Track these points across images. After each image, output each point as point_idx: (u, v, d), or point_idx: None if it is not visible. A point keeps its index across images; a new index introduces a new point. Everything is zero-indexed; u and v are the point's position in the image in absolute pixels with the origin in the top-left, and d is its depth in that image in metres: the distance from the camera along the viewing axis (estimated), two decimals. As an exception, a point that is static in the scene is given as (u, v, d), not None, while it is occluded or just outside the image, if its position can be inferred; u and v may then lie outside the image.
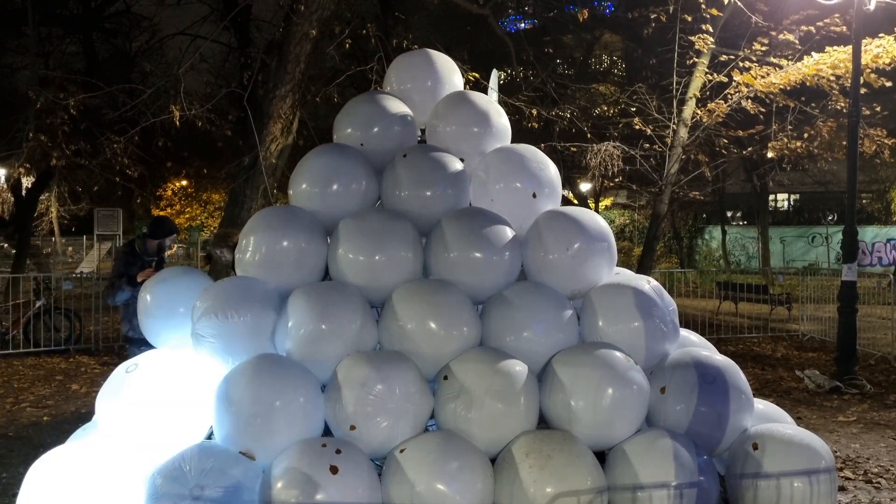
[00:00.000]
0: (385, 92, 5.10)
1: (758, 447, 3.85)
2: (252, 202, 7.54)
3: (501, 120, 4.90)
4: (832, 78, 11.49)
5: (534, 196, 4.50)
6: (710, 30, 12.18)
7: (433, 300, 3.97)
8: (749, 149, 16.73)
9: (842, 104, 11.85)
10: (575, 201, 23.15)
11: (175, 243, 6.04)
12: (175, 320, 4.26)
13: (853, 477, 5.46)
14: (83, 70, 16.56)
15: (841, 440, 6.46)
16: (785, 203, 34.64)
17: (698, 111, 12.97)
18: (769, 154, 16.54)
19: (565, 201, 10.53)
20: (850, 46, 9.60)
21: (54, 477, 3.48)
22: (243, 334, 3.89)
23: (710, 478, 3.71)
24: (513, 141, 4.95)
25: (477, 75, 10.14)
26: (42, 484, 3.47)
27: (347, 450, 3.54)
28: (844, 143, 11.18)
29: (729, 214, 32.16)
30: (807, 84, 11.81)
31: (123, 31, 19.85)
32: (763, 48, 12.29)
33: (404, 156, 4.50)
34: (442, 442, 3.66)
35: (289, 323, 3.89)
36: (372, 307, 4.19)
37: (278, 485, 3.38)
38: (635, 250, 26.54)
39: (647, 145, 13.37)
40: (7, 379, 8.96)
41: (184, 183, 30.90)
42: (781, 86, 11.91)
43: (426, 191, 4.38)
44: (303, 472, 3.36)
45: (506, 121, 4.95)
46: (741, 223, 32.77)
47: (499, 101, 5.81)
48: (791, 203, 34.50)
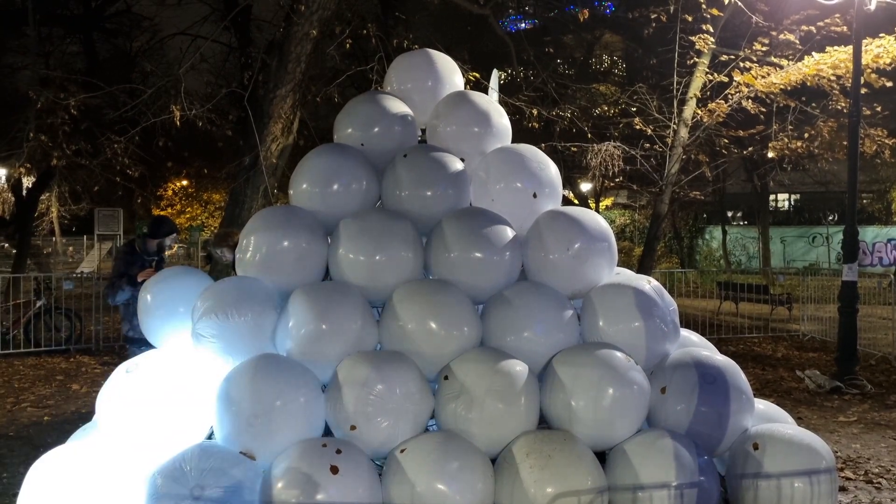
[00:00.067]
0: (385, 92, 5.10)
1: (758, 447, 3.85)
2: (252, 202, 7.53)
3: (502, 120, 4.90)
4: (833, 78, 11.48)
5: (534, 196, 4.50)
6: (711, 30, 12.17)
7: (433, 300, 3.97)
8: (749, 149, 16.71)
9: (842, 104, 11.84)
10: (575, 201, 23.15)
11: (175, 243, 6.04)
12: (175, 320, 4.27)
13: (854, 477, 5.45)
14: (84, 70, 16.58)
15: (841, 440, 6.46)
16: (785, 203, 34.64)
17: (699, 111, 12.96)
18: (770, 154, 16.52)
19: (566, 201, 10.53)
20: (851, 46, 9.60)
21: (55, 477, 3.48)
22: (244, 334, 3.89)
23: (711, 478, 3.71)
24: (513, 141, 4.95)
25: (477, 75, 10.14)
26: (43, 484, 3.48)
27: (348, 450, 3.54)
28: (845, 143, 11.17)
29: (729, 214, 32.16)
30: (807, 84, 11.81)
31: (124, 31, 19.86)
32: (763, 48, 12.29)
33: (405, 156, 4.50)
34: (442, 442, 3.66)
35: (289, 323, 3.89)
36: (372, 307, 4.19)
37: (279, 485, 3.38)
38: (636, 250, 26.53)
39: (648, 145, 13.37)
40: (8, 379, 8.96)
41: (184, 183, 30.91)
42: (782, 86, 11.91)
43: (427, 191, 4.38)
44: (303, 472, 3.37)
45: (506, 121, 4.95)
46: (742, 223, 32.75)
47: (499, 101, 5.81)
48: (791, 203, 34.50)
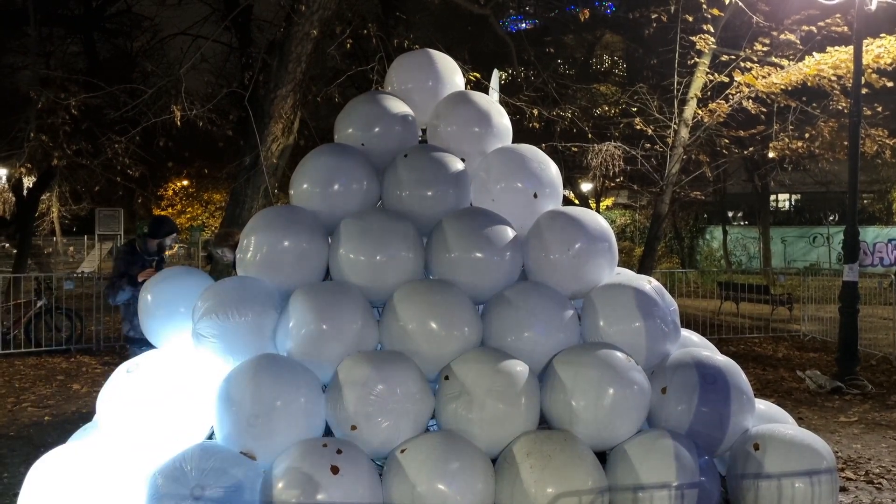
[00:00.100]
0: (386, 92, 5.10)
1: (759, 448, 3.84)
2: (253, 202, 7.53)
3: (502, 120, 4.90)
4: (833, 78, 11.48)
5: (535, 196, 4.50)
6: (712, 30, 12.17)
7: (434, 300, 3.97)
8: (750, 149, 16.72)
9: (843, 104, 11.84)
10: (576, 201, 23.15)
11: (175, 242, 6.04)
12: (176, 320, 4.27)
13: (854, 477, 5.45)
14: (84, 70, 16.58)
15: (842, 441, 6.45)
16: (786, 203, 34.64)
17: (699, 111, 12.96)
18: (770, 154, 16.52)
19: (566, 201, 10.53)
20: (852, 46, 9.59)
21: (55, 477, 3.48)
22: (244, 334, 3.89)
23: (711, 478, 3.71)
24: (514, 141, 4.94)
25: (478, 75, 10.14)
26: (43, 484, 3.48)
27: (348, 450, 3.54)
28: (846, 144, 11.16)
29: (730, 214, 32.17)
30: (808, 84, 11.80)
31: (124, 31, 19.87)
32: (764, 48, 12.29)
33: (405, 156, 4.49)
34: (443, 442, 3.66)
35: (290, 323, 3.89)
36: (373, 307, 4.19)
37: (279, 485, 3.38)
38: (636, 250, 26.53)
39: (649, 145, 13.37)
40: (8, 379, 8.96)
41: (185, 183, 30.94)
42: (783, 86, 11.90)
43: (427, 191, 4.38)
44: (304, 472, 3.37)
45: (507, 121, 4.95)
46: (742, 223, 32.75)
47: (500, 102, 5.80)
48: (792, 203, 34.49)
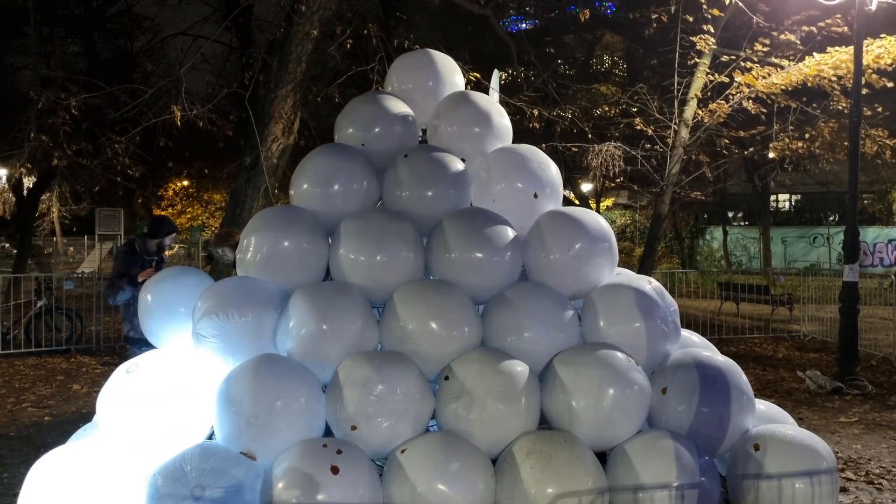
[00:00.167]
0: (386, 92, 5.10)
1: (759, 448, 3.84)
2: (253, 202, 7.53)
3: (503, 120, 4.90)
4: (833, 78, 11.48)
5: (535, 196, 4.50)
6: (712, 30, 12.17)
7: (434, 300, 3.97)
8: (750, 149, 16.72)
9: (843, 105, 11.84)
10: (576, 202, 23.16)
11: (175, 242, 6.04)
12: (176, 320, 4.27)
13: (855, 478, 5.45)
14: (85, 70, 16.60)
15: (842, 441, 6.45)
16: (786, 203, 34.63)
17: (699, 111, 12.96)
18: (770, 154, 16.52)
19: (566, 201, 10.53)
20: (852, 47, 9.59)
21: (56, 476, 3.48)
22: (244, 334, 3.89)
23: (712, 479, 3.70)
24: (514, 141, 4.94)
25: (478, 75, 10.14)
26: (43, 483, 3.48)
27: (348, 450, 3.54)
28: (846, 144, 11.16)
29: (730, 215, 32.16)
30: (808, 84, 11.80)
31: (125, 32, 19.90)
32: (764, 48, 12.28)
33: (405, 156, 4.49)
34: (443, 442, 3.66)
35: (290, 323, 3.89)
36: (373, 307, 4.19)
37: (279, 485, 3.38)
38: (636, 251, 26.53)
39: (649, 146, 13.37)
40: (8, 379, 8.96)
41: (185, 183, 30.94)
42: (783, 86, 11.90)
43: (427, 191, 4.38)
44: (304, 473, 3.36)
45: (507, 121, 4.95)
46: (742, 223, 32.75)
47: (500, 102, 5.81)
48: (792, 203, 34.49)
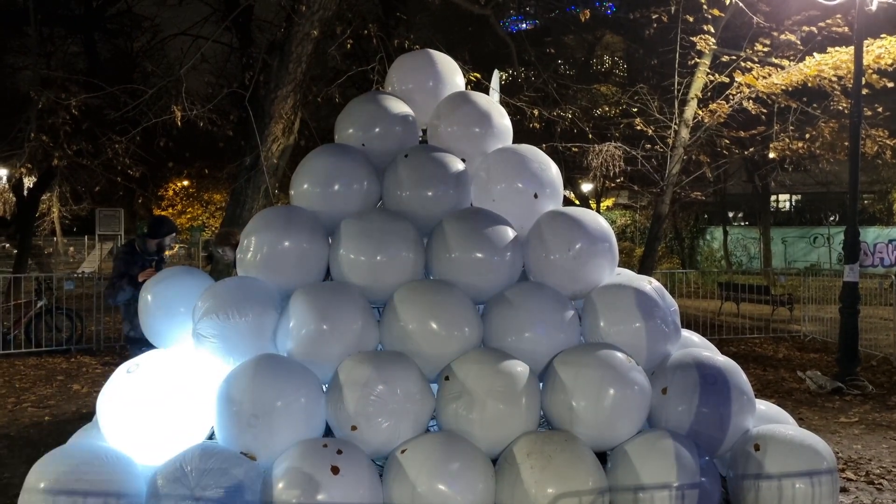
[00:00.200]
0: (387, 92, 5.11)
1: (759, 448, 3.84)
2: (253, 202, 7.53)
3: (503, 120, 4.90)
4: (834, 78, 11.47)
5: (535, 196, 4.51)
6: (712, 30, 12.17)
7: (434, 301, 3.97)
8: (751, 149, 16.70)
9: (843, 105, 11.83)
10: (576, 202, 23.15)
11: (175, 242, 6.04)
12: (176, 320, 4.27)
13: (855, 478, 5.44)
14: (85, 70, 16.60)
15: (843, 441, 6.44)
16: (787, 204, 34.62)
17: (700, 112, 12.95)
18: (771, 155, 16.52)
19: (567, 202, 10.53)
20: (852, 47, 9.58)
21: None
22: (244, 334, 3.89)
23: (712, 479, 3.71)
24: (514, 141, 4.95)
25: (478, 76, 10.14)
26: (49, 478, 3.45)
27: (348, 450, 3.54)
28: (846, 144, 11.16)
29: (730, 215, 32.15)
30: (808, 85, 11.80)
31: (125, 32, 19.89)
32: (765, 49, 12.28)
33: (406, 156, 4.50)
34: (443, 442, 3.66)
35: (290, 323, 3.89)
36: (373, 307, 4.19)
37: (279, 485, 3.38)
38: (637, 251, 26.52)
39: (649, 146, 13.37)
40: (8, 379, 8.96)
41: (185, 183, 30.96)
42: (783, 86, 11.89)
43: (427, 191, 4.39)
44: (304, 473, 3.37)
45: (507, 121, 4.96)
46: (743, 224, 32.74)
47: (500, 102, 5.81)
48: (793, 204, 34.47)
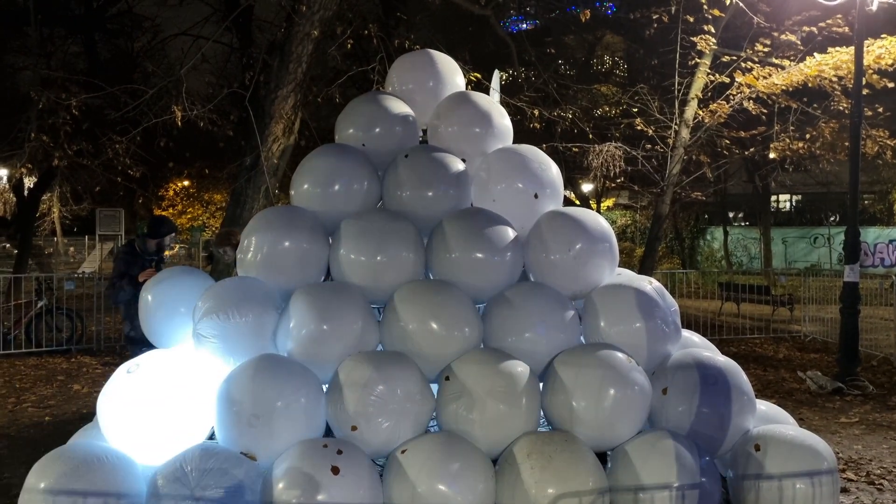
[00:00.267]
0: (387, 92, 5.11)
1: (760, 448, 3.84)
2: (254, 202, 7.53)
3: (503, 120, 4.90)
4: (834, 79, 11.46)
5: (535, 196, 4.51)
6: (712, 30, 12.17)
7: (435, 301, 3.97)
8: (751, 149, 16.69)
9: (844, 105, 11.83)
10: (577, 202, 23.14)
11: (175, 242, 6.04)
12: (176, 320, 4.27)
13: (855, 478, 5.44)
14: (85, 70, 16.59)
15: (843, 441, 6.44)
16: (787, 204, 34.61)
17: (700, 112, 12.95)
18: (771, 155, 16.51)
19: (567, 202, 10.53)
20: (853, 47, 9.58)
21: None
22: (245, 334, 3.89)
23: (712, 479, 3.71)
24: (514, 141, 4.95)
25: (479, 76, 10.14)
26: (46, 480, 3.45)
27: (349, 450, 3.54)
28: (846, 144, 11.14)
29: (731, 215, 32.13)
30: (809, 85, 11.79)
31: (125, 32, 19.86)
32: (765, 49, 12.28)
33: (406, 156, 4.50)
34: (443, 443, 3.66)
35: (290, 323, 3.89)
36: (374, 307, 4.19)
37: (279, 485, 3.38)
38: (637, 251, 26.52)
39: (649, 146, 13.36)
40: (9, 379, 8.96)
41: (186, 183, 30.95)
42: (783, 86, 11.89)
43: (428, 191, 4.39)
44: (304, 473, 3.37)
45: (507, 121, 4.96)
46: (743, 224, 32.72)
47: (500, 102, 5.81)
48: (793, 204, 34.46)
